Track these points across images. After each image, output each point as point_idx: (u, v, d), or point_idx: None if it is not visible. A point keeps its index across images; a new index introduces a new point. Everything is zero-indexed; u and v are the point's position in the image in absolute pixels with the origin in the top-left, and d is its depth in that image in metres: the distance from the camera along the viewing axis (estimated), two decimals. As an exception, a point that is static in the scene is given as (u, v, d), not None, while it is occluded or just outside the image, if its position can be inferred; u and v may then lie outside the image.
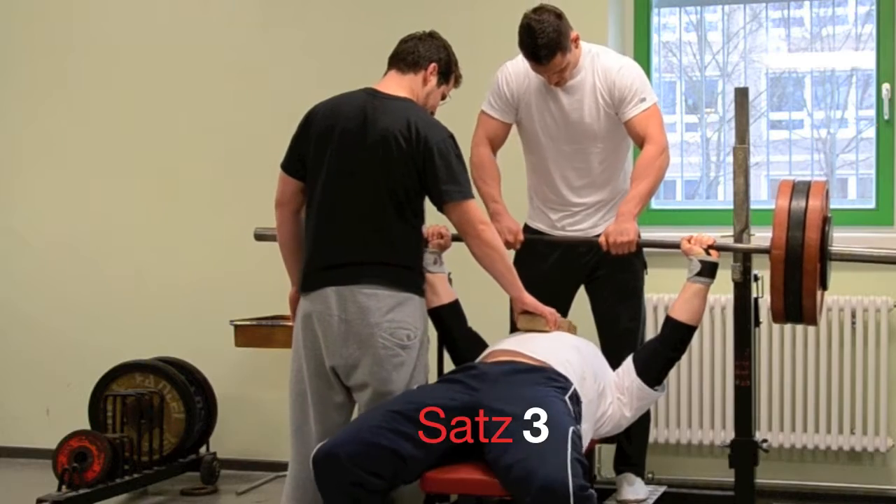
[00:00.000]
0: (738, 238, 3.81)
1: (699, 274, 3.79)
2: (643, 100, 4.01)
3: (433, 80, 3.71)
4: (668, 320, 3.80)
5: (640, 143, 4.05)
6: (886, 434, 4.61)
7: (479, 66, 4.13)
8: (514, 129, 4.23)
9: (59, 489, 4.44)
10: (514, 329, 3.98)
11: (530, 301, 3.80)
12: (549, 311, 3.83)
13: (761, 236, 3.86)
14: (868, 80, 4.91)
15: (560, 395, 3.40)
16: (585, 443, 3.46)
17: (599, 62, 4.07)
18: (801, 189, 3.69)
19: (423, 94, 3.70)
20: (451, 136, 3.59)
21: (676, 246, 3.87)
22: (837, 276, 3.90)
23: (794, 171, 5.05)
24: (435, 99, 3.75)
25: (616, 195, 4.17)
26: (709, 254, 3.80)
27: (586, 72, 4.06)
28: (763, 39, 5.16)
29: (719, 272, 3.84)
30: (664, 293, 4.67)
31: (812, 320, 3.73)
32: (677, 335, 3.78)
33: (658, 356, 3.78)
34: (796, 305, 3.65)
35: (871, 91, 4.88)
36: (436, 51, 3.72)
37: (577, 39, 3.99)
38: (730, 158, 4.16)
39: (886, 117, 4.72)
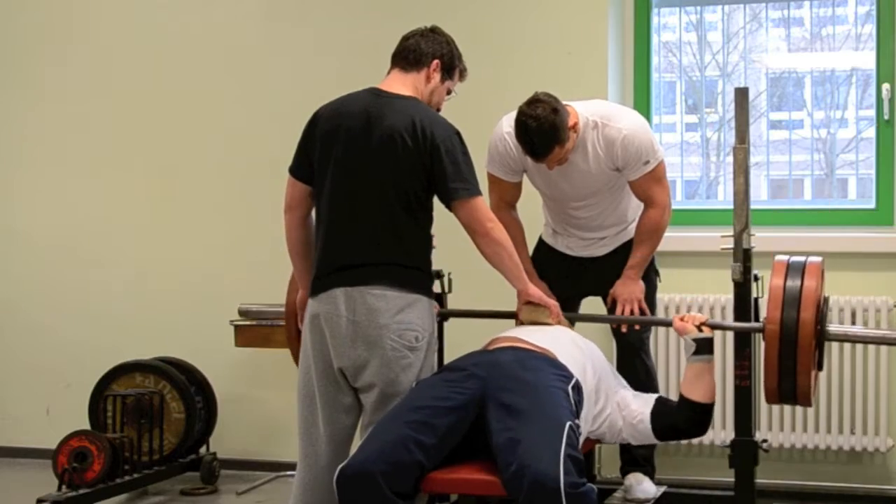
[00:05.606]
0: (738, 238, 3.80)
1: (697, 353, 3.69)
2: (647, 163, 3.97)
3: (437, 77, 3.65)
4: (683, 400, 3.68)
5: (643, 201, 4.08)
6: (886, 434, 4.61)
7: (486, 60, 4.08)
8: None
9: (59, 489, 4.43)
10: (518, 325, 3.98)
11: (535, 292, 3.78)
12: (554, 304, 3.83)
13: (761, 237, 3.87)
14: (868, 80, 4.91)
15: (563, 384, 3.38)
16: (584, 434, 3.45)
17: (601, 134, 3.95)
18: (796, 268, 3.64)
19: (426, 91, 3.64)
20: (458, 133, 3.54)
21: (668, 325, 3.84)
22: (837, 275, 3.90)
23: (794, 171, 5.05)
24: (440, 95, 3.68)
25: (625, 223, 4.20)
26: (701, 331, 3.70)
27: (587, 143, 3.96)
28: (763, 39, 5.16)
29: (720, 272, 3.83)
30: (674, 293, 4.70)
31: (806, 401, 3.67)
32: (695, 414, 3.68)
33: (677, 429, 3.72)
34: (790, 385, 3.60)
35: (871, 91, 4.88)
36: (438, 46, 3.66)
37: (575, 126, 3.87)
38: (730, 158, 4.15)
39: (886, 117, 4.72)
